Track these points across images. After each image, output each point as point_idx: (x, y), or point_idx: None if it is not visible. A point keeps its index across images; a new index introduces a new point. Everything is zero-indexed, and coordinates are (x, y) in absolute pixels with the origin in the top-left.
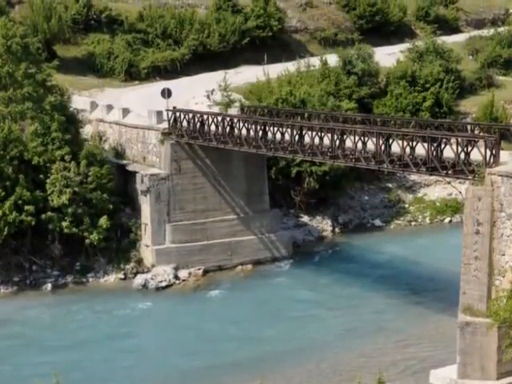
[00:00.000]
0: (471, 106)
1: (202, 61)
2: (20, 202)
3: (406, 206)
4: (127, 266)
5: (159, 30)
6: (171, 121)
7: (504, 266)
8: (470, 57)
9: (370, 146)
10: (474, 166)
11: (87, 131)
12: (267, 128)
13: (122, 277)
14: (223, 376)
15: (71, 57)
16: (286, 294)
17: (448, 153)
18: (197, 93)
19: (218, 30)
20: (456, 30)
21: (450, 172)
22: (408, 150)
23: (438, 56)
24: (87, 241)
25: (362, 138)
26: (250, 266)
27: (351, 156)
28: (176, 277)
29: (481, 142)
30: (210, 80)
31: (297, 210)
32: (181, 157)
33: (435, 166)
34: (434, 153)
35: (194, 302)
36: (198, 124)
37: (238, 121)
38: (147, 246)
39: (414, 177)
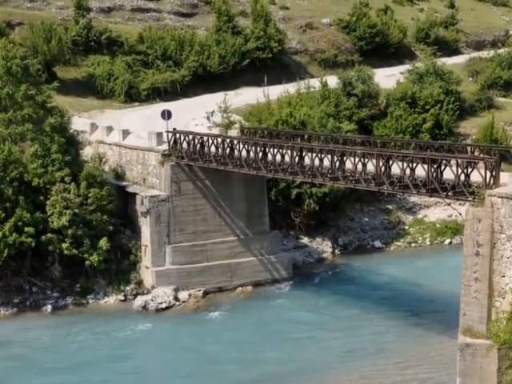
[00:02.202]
0: (471, 128)
1: (202, 82)
2: (20, 223)
3: (406, 227)
4: (127, 288)
5: (159, 52)
6: (171, 142)
7: (504, 287)
8: (470, 78)
9: (370, 167)
10: (474, 187)
11: (87, 153)
12: (267, 149)
13: (122, 298)
14: None
15: (71, 78)
16: (286, 316)
17: (448, 174)
18: (197, 114)
19: (218, 51)
20: (456, 52)
21: (450, 193)
22: (408, 171)
23: (438, 77)
24: (87, 262)
25: (362, 160)
26: (250, 288)
27: (351, 177)
28: (176, 298)
29: (481, 164)
30: (210, 101)
31: (297, 232)
32: (181, 178)
33: (435, 187)
34: (434, 174)
35: (194, 323)
36: (198, 145)
37: (238, 142)
38: (147, 268)
39: (414, 198)
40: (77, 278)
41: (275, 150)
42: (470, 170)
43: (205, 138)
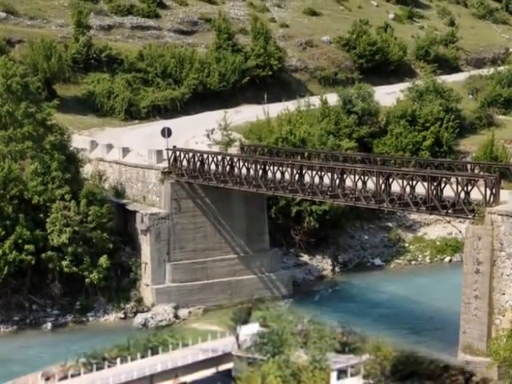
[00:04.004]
0: (471, 145)
1: (202, 100)
2: (20, 241)
3: (406, 245)
4: (127, 305)
5: (159, 69)
6: (171, 160)
7: (504, 305)
8: (470, 96)
9: (370, 185)
10: (474, 205)
11: (87, 170)
12: (267, 167)
13: (122, 316)
14: None
15: (71, 96)
16: None
17: (448, 192)
18: (197, 132)
19: (218, 69)
20: (456, 69)
21: (450, 211)
22: (408, 189)
23: (438, 95)
24: (87, 280)
25: (362, 178)
26: (250, 305)
27: (351, 195)
28: (176, 316)
29: (481, 182)
30: (209, 119)
31: (297, 249)
32: (181, 196)
33: (435, 205)
34: (434, 192)
35: None
36: (198, 163)
37: (238, 160)
38: (147, 285)
39: (413, 216)
40: (77, 295)
41: (275, 168)
42: (470, 187)
43: (205, 156)
